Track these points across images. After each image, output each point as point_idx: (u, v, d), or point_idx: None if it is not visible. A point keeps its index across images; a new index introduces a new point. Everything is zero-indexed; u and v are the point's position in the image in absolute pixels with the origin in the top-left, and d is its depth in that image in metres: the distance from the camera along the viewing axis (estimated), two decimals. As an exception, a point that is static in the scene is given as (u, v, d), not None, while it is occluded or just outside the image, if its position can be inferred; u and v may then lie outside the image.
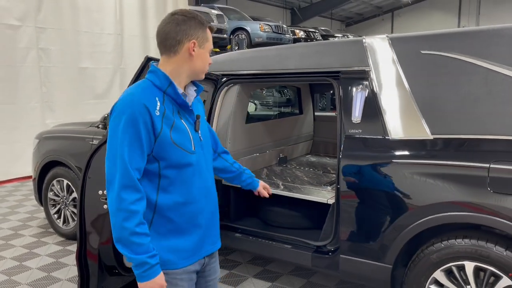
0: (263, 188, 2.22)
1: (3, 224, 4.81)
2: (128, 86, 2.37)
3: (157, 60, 2.46)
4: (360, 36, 3.01)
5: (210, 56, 1.72)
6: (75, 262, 3.77)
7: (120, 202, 1.48)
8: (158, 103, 1.56)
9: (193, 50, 1.61)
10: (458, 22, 27.22)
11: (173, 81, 1.61)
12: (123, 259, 2.48)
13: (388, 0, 28.10)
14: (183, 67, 1.63)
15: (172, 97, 1.61)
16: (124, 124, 1.50)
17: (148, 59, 2.42)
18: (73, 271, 3.63)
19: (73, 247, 4.13)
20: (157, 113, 1.54)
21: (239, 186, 2.20)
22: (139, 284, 1.52)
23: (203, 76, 1.72)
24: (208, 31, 1.67)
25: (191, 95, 1.71)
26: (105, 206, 2.33)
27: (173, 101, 1.62)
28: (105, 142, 2.37)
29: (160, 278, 1.53)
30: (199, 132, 1.70)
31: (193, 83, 1.74)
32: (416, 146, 2.47)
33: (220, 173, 2.10)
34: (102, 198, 2.34)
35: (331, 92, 5.38)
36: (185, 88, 1.70)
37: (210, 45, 1.69)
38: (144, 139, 1.51)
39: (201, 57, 1.65)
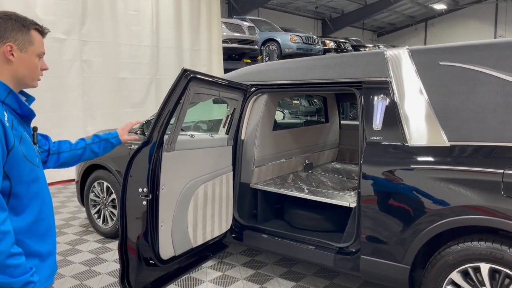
0: (128, 138, 2.16)
1: (48, 223, 5.19)
2: (167, 95, 2.64)
3: (194, 72, 2.73)
4: (393, 46, 3.16)
5: (242, 67, 1.71)
6: (114, 258, 4.06)
7: None
8: (6, 114, 1.43)
9: (10, 54, 1.49)
10: (495, 32, 26.56)
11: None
12: (159, 251, 2.72)
13: (421, 10, 27.79)
14: (4, 73, 1.50)
15: (12, 108, 1.50)
16: None
17: (185, 71, 2.67)
18: (112, 266, 3.91)
19: (112, 244, 4.43)
20: (7, 124, 1.41)
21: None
22: None
23: (36, 84, 1.61)
24: (33, 33, 1.56)
25: None
26: (144, 203, 2.59)
27: (13, 112, 1.50)
28: (144, 145, 2.64)
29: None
30: (37, 145, 1.65)
31: (22, 93, 1.61)
32: (434, 153, 2.59)
33: (74, 163, 2.00)
34: (141, 195, 2.59)
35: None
36: None
37: (37, 48, 1.56)
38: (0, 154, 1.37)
39: (26, 61, 1.53)
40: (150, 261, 2.71)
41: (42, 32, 1.60)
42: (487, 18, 26.94)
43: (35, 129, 1.66)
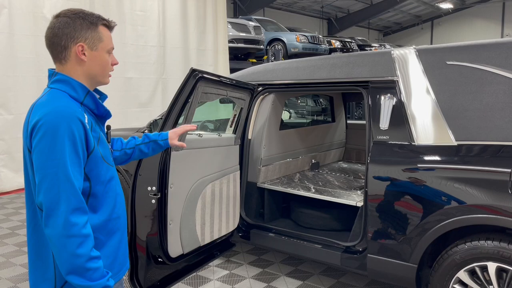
0: (177, 142, 2.02)
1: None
2: (175, 95, 2.66)
3: (202, 72, 2.76)
4: (399, 46, 3.18)
5: (248, 67, 1.68)
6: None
7: (70, 228, 1.32)
8: (86, 116, 1.44)
9: (82, 55, 1.47)
10: (502, 30, 26.39)
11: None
12: (168, 250, 2.75)
13: (427, 9, 27.67)
14: (77, 74, 1.49)
15: (90, 108, 1.51)
16: (61, 141, 1.33)
17: (193, 71, 2.70)
18: (120, 264, 3.95)
19: (119, 243, 4.47)
20: (87, 127, 1.42)
21: None
22: None
23: (108, 80, 1.59)
24: (101, 29, 1.51)
25: None
26: (153, 201, 2.62)
27: (91, 112, 1.52)
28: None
29: None
30: (110, 143, 1.67)
31: (95, 91, 1.60)
32: (441, 152, 2.60)
33: (124, 162, 1.95)
34: (150, 194, 2.62)
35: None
36: None
37: (107, 44, 1.52)
38: (81, 157, 1.39)
39: (98, 59, 1.51)
40: (159, 259, 2.74)
41: (109, 26, 1.55)
42: (494, 17, 26.77)
43: (108, 127, 1.66)
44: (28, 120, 1.42)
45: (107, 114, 1.57)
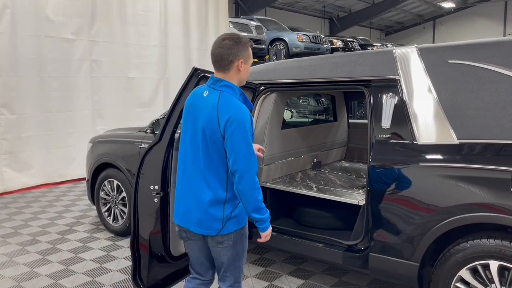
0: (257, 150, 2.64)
1: (59, 221, 5.27)
2: (178, 94, 2.68)
3: (204, 71, 2.77)
4: (401, 45, 3.18)
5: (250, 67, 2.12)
6: (124, 255, 4.12)
7: (255, 183, 2.09)
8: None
9: (240, 67, 2.14)
10: (504, 30, 26.32)
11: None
12: (170, 248, 2.76)
13: (429, 8, 27.62)
14: (234, 80, 2.17)
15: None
16: (248, 130, 2.06)
17: (195, 70, 2.71)
18: (123, 263, 3.97)
19: (122, 242, 4.48)
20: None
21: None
22: (264, 233, 2.21)
23: (244, 83, 2.25)
24: (250, 49, 2.18)
25: None
26: (155, 200, 2.63)
27: None
28: (155, 144, 2.68)
29: (271, 228, 2.24)
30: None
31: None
32: (443, 150, 2.60)
33: None
34: (153, 193, 2.64)
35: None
36: None
37: (251, 60, 2.21)
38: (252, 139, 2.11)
39: (246, 70, 2.20)
40: (161, 258, 2.75)
41: (252, 46, 2.22)
42: (496, 16, 26.71)
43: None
44: (217, 115, 2.06)
45: (250, 107, 2.20)
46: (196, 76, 2.69)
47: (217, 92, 2.12)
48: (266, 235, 2.23)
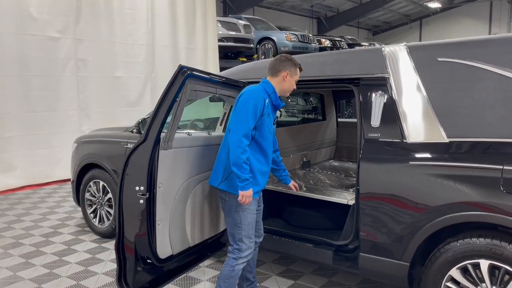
0: (292, 185, 3.18)
1: (44, 223, 5.15)
2: (163, 93, 2.61)
3: (190, 69, 2.72)
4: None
5: (238, 65, 2.10)
6: (110, 258, 4.03)
7: (241, 142, 2.50)
8: (266, 100, 2.65)
9: (286, 77, 2.72)
10: (489, 29, 26.68)
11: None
12: (156, 250, 2.69)
13: (416, 8, 27.86)
14: (277, 86, 2.73)
15: (272, 100, 2.70)
16: (252, 104, 2.54)
17: (181, 68, 2.64)
18: (109, 265, 3.88)
19: (108, 244, 4.39)
20: (265, 102, 2.63)
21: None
22: (241, 192, 2.52)
23: (288, 94, 2.80)
24: (298, 70, 2.77)
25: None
26: (141, 201, 2.56)
27: (271, 103, 2.71)
28: (140, 143, 2.61)
29: (251, 190, 2.56)
30: (274, 126, 2.86)
31: (280, 98, 2.81)
32: (433, 149, 2.58)
33: (271, 164, 2.95)
34: (138, 194, 2.56)
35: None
36: None
37: (297, 77, 2.78)
38: (257, 116, 2.58)
39: (290, 82, 2.75)
40: (148, 260, 2.69)
41: (300, 69, 2.80)
42: (481, 16, 27.05)
43: (276, 117, 2.89)
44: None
45: (278, 105, 2.77)
46: (183, 74, 2.63)
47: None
48: (242, 194, 2.53)
